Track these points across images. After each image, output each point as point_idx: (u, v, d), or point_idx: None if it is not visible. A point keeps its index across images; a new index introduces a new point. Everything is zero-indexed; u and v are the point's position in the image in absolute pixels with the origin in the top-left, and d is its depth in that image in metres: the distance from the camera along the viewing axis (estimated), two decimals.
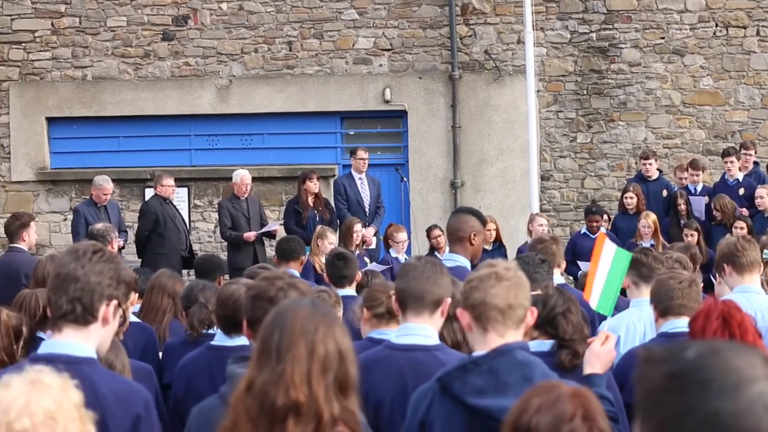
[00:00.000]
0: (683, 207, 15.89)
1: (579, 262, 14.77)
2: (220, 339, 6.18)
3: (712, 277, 7.96)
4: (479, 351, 4.40)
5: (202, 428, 4.43)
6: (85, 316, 4.07)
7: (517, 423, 3.19)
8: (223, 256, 16.18)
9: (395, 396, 5.04)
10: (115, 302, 4.12)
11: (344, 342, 3.46)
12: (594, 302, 5.47)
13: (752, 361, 2.14)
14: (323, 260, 13.14)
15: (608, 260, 5.53)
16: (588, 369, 5.06)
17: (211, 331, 6.96)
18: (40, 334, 6.69)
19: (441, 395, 4.40)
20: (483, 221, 7.91)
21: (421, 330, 5.19)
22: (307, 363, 3.37)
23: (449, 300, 5.22)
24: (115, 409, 3.94)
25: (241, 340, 6.02)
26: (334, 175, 19.15)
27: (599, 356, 5.06)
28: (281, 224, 16.28)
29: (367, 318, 6.07)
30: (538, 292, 5.67)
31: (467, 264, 7.54)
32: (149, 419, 4.06)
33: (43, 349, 4.15)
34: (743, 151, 16.72)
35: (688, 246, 10.84)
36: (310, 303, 3.54)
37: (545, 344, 5.48)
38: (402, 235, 15.27)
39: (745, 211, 15.47)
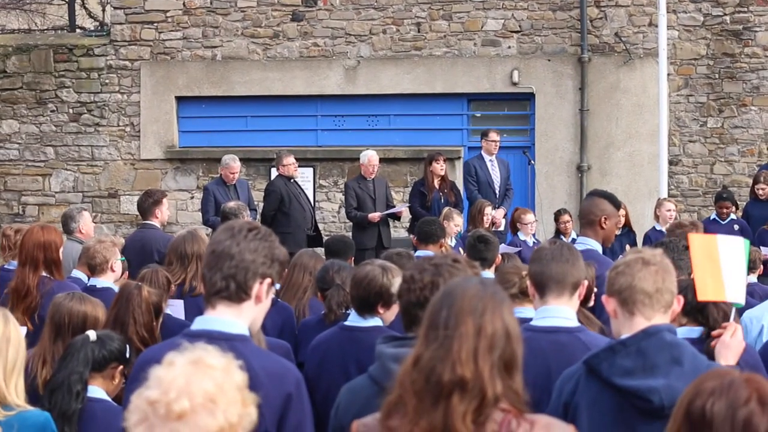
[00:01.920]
0: None
1: None
2: (353, 319, 6.19)
3: None
4: (625, 335, 4.37)
5: (350, 407, 4.44)
6: (238, 294, 4.10)
7: (690, 407, 3.17)
8: (348, 236, 16.24)
9: (538, 378, 5.02)
10: (268, 280, 4.14)
11: (511, 321, 3.46)
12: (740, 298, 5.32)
13: None
14: (450, 242, 13.15)
15: (739, 255, 5.38)
16: (722, 361, 5.01)
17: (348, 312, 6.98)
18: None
19: (588, 377, 4.39)
20: (617, 205, 7.81)
21: (561, 312, 5.21)
22: (474, 340, 3.37)
23: (586, 282, 5.21)
24: (268, 388, 3.94)
25: (375, 321, 6.03)
26: (459, 157, 19.11)
27: (730, 347, 5.02)
28: (407, 206, 16.29)
29: None
30: (683, 278, 5.60)
31: (598, 247, 7.47)
32: (300, 398, 4.08)
33: (196, 325, 4.19)
34: None
35: None
36: (479, 282, 3.55)
37: (694, 331, 5.42)
38: (530, 218, 15.20)
39: None
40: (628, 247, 13.02)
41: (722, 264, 5.39)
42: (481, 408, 3.33)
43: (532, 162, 18.49)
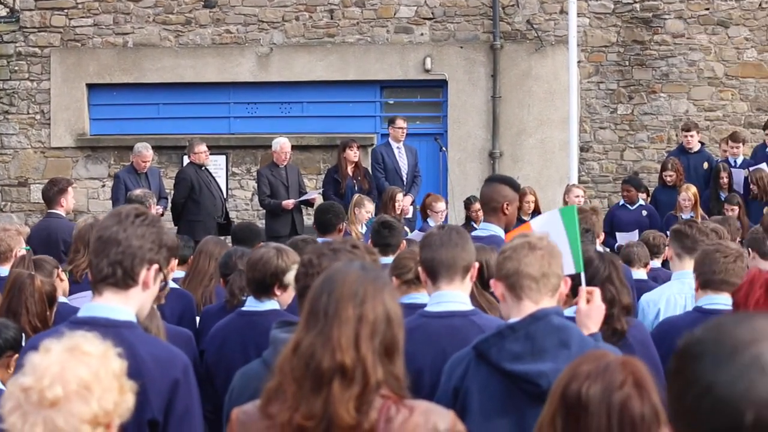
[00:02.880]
0: (725, 180, 15.78)
1: (617, 234, 14.70)
2: (250, 304, 6.19)
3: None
4: (514, 319, 4.41)
5: (244, 391, 4.43)
6: (125, 280, 4.06)
7: (566, 391, 3.18)
8: (261, 224, 16.22)
9: (434, 363, 5.04)
10: (156, 266, 4.10)
11: (393, 306, 3.44)
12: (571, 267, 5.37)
13: (755, 325, 2.09)
14: (360, 229, 13.17)
15: (556, 227, 5.42)
16: (585, 331, 5.03)
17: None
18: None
19: (477, 362, 4.41)
20: (517, 189, 7.84)
21: (454, 296, 5.24)
22: (355, 326, 3.36)
23: (477, 265, 5.24)
24: (154, 374, 3.94)
25: (272, 305, 6.04)
26: (372, 144, 19.12)
27: (589, 315, 5.03)
28: (320, 193, 16.28)
29: (397, 285, 6.08)
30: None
31: (501, 233, 7.50)
32: (188, 384, 4.06)
33: (83, 312, 4.15)
34: None
35: (727, 218, 10.74)
36: (360, 266, 3.53)
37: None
38: (441, 205, 15.23)
39: None
40: None
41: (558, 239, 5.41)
42: (363, 395, 3.33)
43: (444, 149, 18.56)
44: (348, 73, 19.85)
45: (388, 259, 8.69)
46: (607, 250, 15.19)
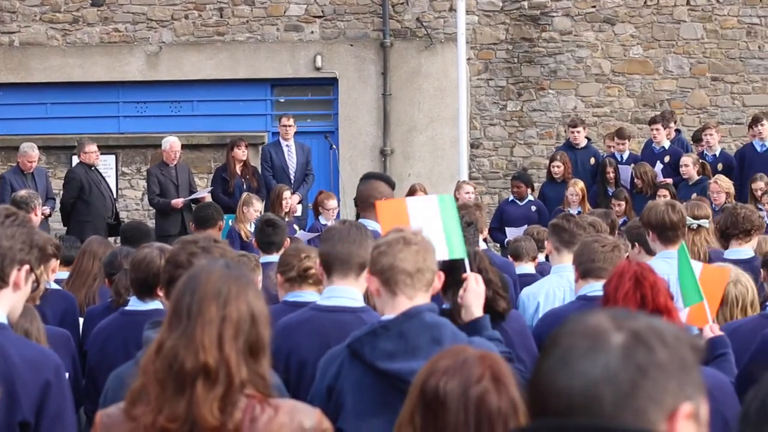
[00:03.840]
0: (612, 175, 16.00)
1: (506, 229, 14.84)
2: (134, 304, 6.15)
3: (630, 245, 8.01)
4: (388, 315, 4.42)
5: (118, 393, 4.40)
6: None
7: (424, 387, 3.19)
8: (151, 223, 16.10)
9: (319, 356, 5.04)
10: (27, 267, 4.05)
11: (257, 304, 3.42)
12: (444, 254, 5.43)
13: (587, 322, 2.17)
14: (249, 228, 13.14)
15: (432, 213, 5.48)
16: (474, 311, 5.08)
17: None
18: None
19: (351, 360, 4.41)
20: (392, 187, 7.92)
21: (346, 292, 5.25)
22: (218, 326, 3.33)
23: None
24: (24, 375, 3.88)
25: (155, 305, 6.00)
26: (263, 143, 19.05)
27: (479, 296, 5.08)
28: (209, 191, 16.22)
29: (281, 282, 6.10)
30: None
31: (379, 229, 7.54)
32: (59, 385, 4.01)
33: None
34: (666, 123, 16.84)
35: (607, 212, 10.92)
36: (224, 265, 3.51)
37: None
38: (332, 203, 15.25)
39: (668, 180, 15.60)
40: None
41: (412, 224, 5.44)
42: (228, 395, 3.31)
43: (334, 147, 18.58)
44: (238, 71, 19.77)
45: (273, 258, 8.74)
46: (497, 245, 15.42)
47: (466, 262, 5.36)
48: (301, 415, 3.43)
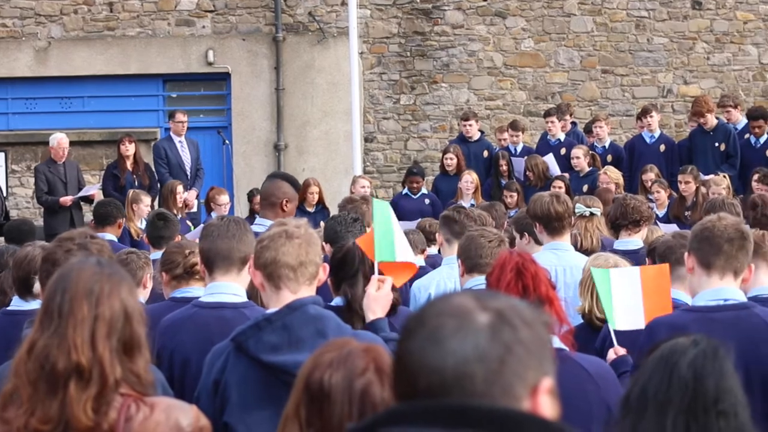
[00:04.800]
0: (505, 168, 16.09)
1: (400, 223, 14.83)
2: (16, 303, 6.06)
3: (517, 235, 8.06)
4: (273, 309, 4.40)
5: None
6: None
7: (309, 380, 3.19)
8: (42, 221, 15.90)
9: (202, 354, 5.00)
10: None
11: (131, 302, 3.37)
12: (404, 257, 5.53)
13: (452, 302, 2.24)
14: (139, 224, 13.00)
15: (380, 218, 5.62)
16: (370, 315, 5.11)
17: None
18: None
19: (236, 354, 4.38)
20: (297, 188, 7.98)
21: (228, 288, 5.25)
22: (90, 325, 3.28)
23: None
24: None
25: (37, 304, 5.89)
26: (156, 139, 18.88)
27: (378, 300, 5.11)
28: (99, 188, 16.04)
29: (167, 281, 6.04)
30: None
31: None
32: None
33: None
34: (561, 115, 17.00)
35: (493, 204, 10.98)
36: (96, 262, 3.45)
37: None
38: (224, 198, 15.16)
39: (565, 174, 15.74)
40: (322, 224, 13.12)
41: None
42: (102, 395, 3.26)
43: (227, 142, 18.48)
44: (129, 66, 19.56)
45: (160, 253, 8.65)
46: None
47: (376, 266, 5.41)
48: (178, 413, 3.39)
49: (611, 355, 5.61)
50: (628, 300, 5.76)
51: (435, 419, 2.15)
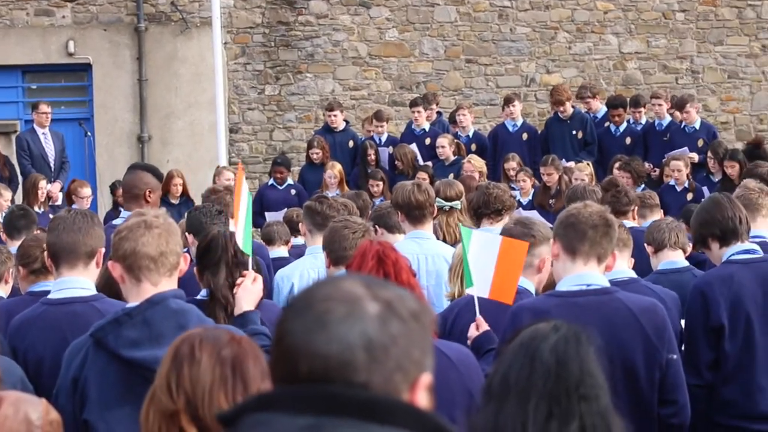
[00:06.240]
0: (373, 157, 16.12)
1: (266, 213, 14.78)
2: None
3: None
4: (133, 302, 4.33)
5: None
6: None
7: (179, 347, 3.23)
8: None
9: (55, 351, 4.92)
10: None
11: None
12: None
13: (339, 286, 2.24)
14: None
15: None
16: (243, 306, 5.10)
17: None
18: None
19: (96, 350, 4.30)
20: (160, 178, 7.90)
21: (76, 282, 5.16)
22: None
23: (102, 250, 5.17)
24: None
25: None
26: (16, 131, 18.51)
27: (251, 292, 5.08)
28: None
29: (24, 275, 5.92)
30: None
31: None
32: None
33: None
34: (427, 105, 17.07)
35: (359, 193, 11.00)
36: None
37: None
38: (86, 191, 14.98)
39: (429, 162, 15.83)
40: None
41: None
42: None
43: (89, 134, 18.21)
44: None
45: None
46: (258, 229, 15.34)
47: (250, 260, 5.39)
48: (26, 406, 3.33)
49: (473, 330, 5.60)
50: (481, 265, 5.78)
51: (307, 406, 2.14)
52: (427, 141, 16.41)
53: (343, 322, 2.16)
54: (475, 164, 14.24)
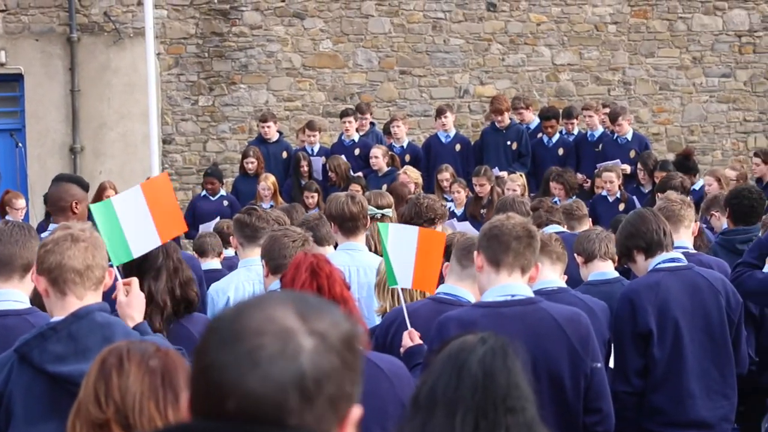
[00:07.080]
0: (306, 168, 16.10)
1: (199, 226, 14.71)
2: None
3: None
4: (58, 316, 4.29)
5: None
6: None
7: (106, 357, 3.25)
8: None
9: None
10: None
11: None
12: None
13: (269, 315, 2.12)
14: None
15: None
16: (129, 322, 5.01)
17: None
18: None
19: (20, 365, 4.26)
20: (86, 188, 7.81)
21: (10, 295, 5.11)
22: None
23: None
24: None
25: None
26: None
27: (131, 305, 5.00)
28: None
29: None
30: None
31: None
32: None
33: None
34: (359, 115, 17.08)
35: (293, 205, 10.99)
36: None
37: None
38: (20, 202, 14.85)
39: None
40: None
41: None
42: None
43: (20, 145, 18.05)
44: None
45: None
46: (190, 241, 15.27)
47: (115, 269, 5.29)
48: None
49: (406, 340, 5.61)
50: (402, 257, 5.81)
51: None
52: (356, 151, 16.42)
53: (277, 361, 2.07)
54: (411, 175, 14.27)
